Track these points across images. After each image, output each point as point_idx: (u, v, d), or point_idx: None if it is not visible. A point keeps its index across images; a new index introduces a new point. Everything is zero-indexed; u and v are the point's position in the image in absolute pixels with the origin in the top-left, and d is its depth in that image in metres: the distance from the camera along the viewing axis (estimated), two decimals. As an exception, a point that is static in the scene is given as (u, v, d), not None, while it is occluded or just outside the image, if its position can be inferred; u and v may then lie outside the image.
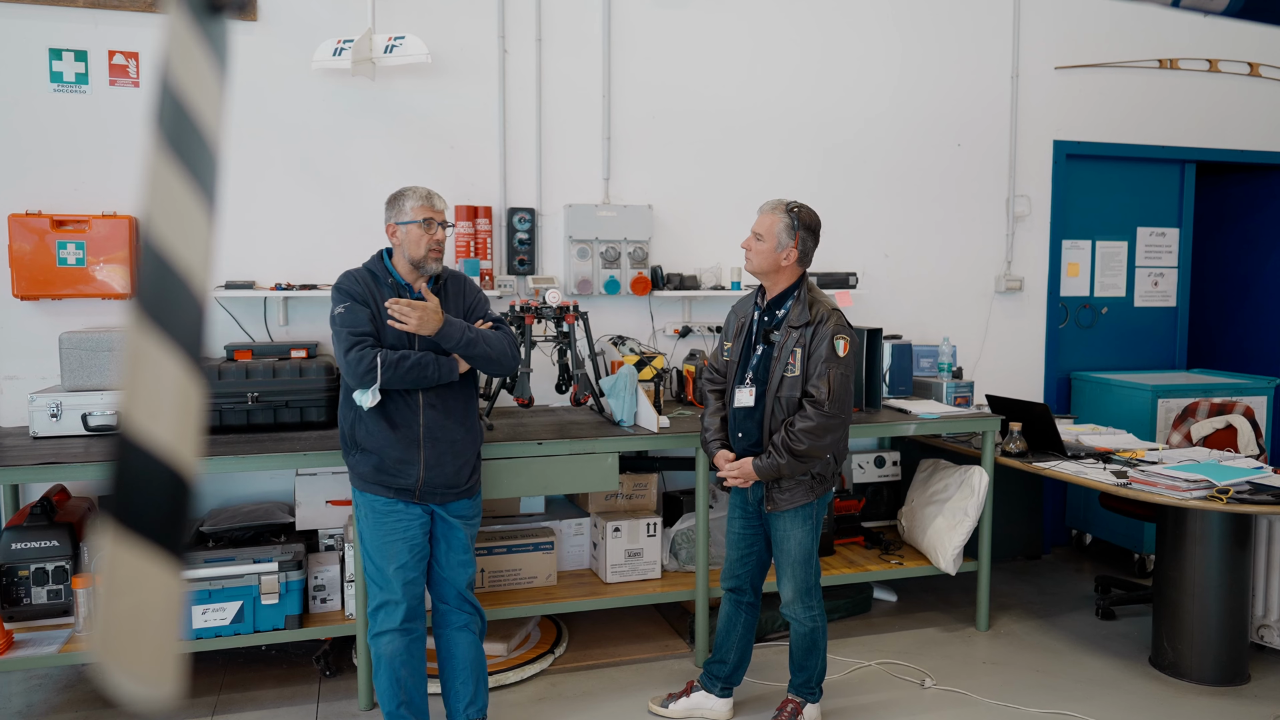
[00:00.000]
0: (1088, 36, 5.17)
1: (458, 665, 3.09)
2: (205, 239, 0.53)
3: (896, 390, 4.51)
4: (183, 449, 0.48)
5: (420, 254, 2.91)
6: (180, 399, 0.49)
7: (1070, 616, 4.36)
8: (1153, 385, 4.87)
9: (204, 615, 3.31)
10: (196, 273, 0.52)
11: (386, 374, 2.80)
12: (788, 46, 4.70)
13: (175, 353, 0.48)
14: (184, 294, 0.50)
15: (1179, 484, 3.46)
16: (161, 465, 0.46)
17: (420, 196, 2.94)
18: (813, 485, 3.07)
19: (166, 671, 0.47)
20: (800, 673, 3.26)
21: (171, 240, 0.48)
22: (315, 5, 4.02)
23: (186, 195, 0.51)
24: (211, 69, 0.59)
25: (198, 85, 0.55)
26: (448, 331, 2.86)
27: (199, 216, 0.52)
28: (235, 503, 3.99)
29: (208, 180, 0.54)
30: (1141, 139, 5.34)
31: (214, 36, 0.60)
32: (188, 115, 0.53)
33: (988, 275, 5.15)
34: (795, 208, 3.05)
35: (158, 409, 0.45)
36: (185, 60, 0.54)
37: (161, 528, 0.46)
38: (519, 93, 4.32)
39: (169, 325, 0.48)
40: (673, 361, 4.56)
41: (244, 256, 4.01)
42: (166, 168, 0.50)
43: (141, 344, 0.45)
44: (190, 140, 0.53)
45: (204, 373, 0.52)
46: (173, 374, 0.48)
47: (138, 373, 0.44)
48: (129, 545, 0.44)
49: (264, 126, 4.01)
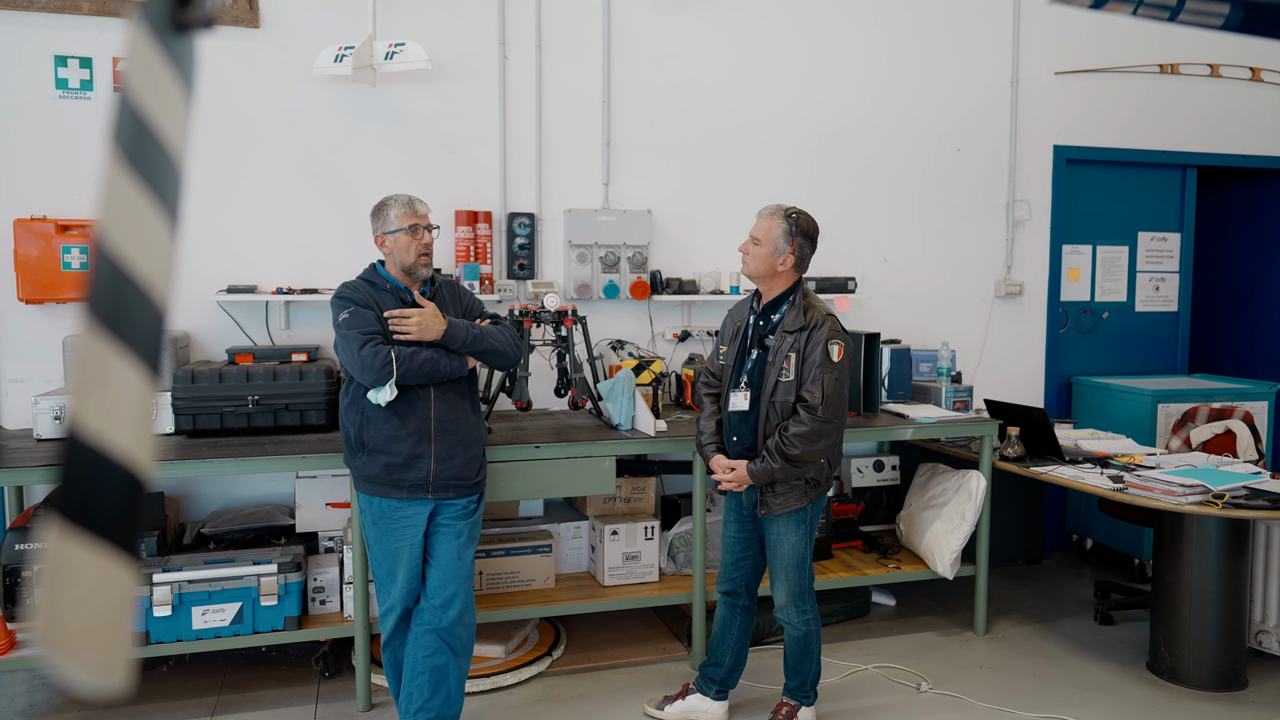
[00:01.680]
0: (1088, 42, 5.18)
1: (417, 666, 2.99)
2: (165, 249, 0.56)
3: (895, 395, 4.52)
4: (135, 449, 0.51)
5: (410, 260, 2.96)
6: (132, 401, 0.51)
7: (1069, 621, 4.37)
8: (1152, 390, 4.87)
9: (204, 616, 3.34)
10: (154, 281, 0.55)
11: (402, 367, 2.83)
12: (788, 52, 4.72)
13: (128, 356, 0.50)
14: (139, 301, 0.52)
15: (1175, 489, 3.46)
16: (110, 464, 0.48)
17: (402, 204, 2.99)
18: (806, 490, 3.08)
19: (117, 663, 0.49)
20: (795, 676, 3.28)
21: (127, 249, 0.50)
22: (317, 12, 4.06)
23: (145, 207, 0.53)
24: (176, 86, 0.61)
25: (160, 102, 0.57)
26: (453, 333, 2.93)
27: (158, 228, 0.55)
28: (236, 505, 4.03)
29: (168, 193, 0.56)
30: (1142, 144, 5.35)
31: (179, 54, 0.63)
32: (148, 130, 0.55)
33: (988, 280, 5.16)
34: (794, 213, 3.07)
35: (109, 410, 0.48)
36: (146, 77, 0.56)
37: (111, 524, 0.48)
38: (519, 98, 4.35)
39: (121, 330, 0.50)
40: (671, 366, 4.58)
41: (246, 260, 4.05)
42: (123, 180, 0.52)
43: (92, 347, 0.47)
44: (150, 154, 0.55)
45: (159, 376, 0.54)
46: (125, 377, 0.50)
47: (88, 375, 0.47)
48: (76, 541, 0.46)
49: (266, 132, 4.04)
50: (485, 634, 3.81)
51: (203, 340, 4.03)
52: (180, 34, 0.63)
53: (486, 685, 3.60)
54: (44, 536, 0.47)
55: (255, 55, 4.01)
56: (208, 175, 3.99)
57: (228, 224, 4.03)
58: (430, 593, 2.98)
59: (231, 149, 4.02)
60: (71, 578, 0.46)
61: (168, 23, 0.61)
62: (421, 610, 2.99)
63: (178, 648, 3.33)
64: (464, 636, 3.01)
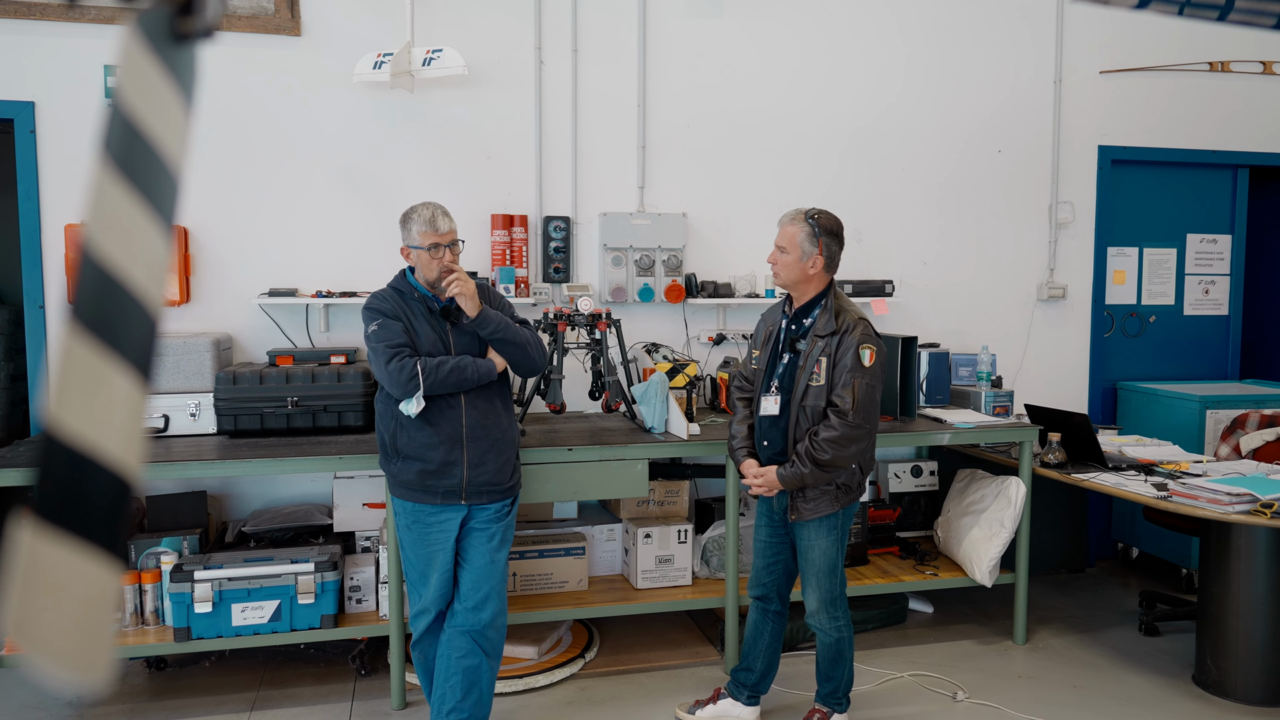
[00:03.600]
0: (1134, 40, 5.07)
1: (451, 668, 3.01)
2: (157, 256, 0.57)
3: (933, 399, 4.47)
4: (121, 451, 0.52)
5: (433, 276, 2.98)
6: (118, 404, 0.52)
7: (1112, 632, 4.27)
8: (1201, 396, 4.75)
9: (243, 613, 3.40)
10: (145, 287, 0.56)
11: (429, 380, 2.86)
12: (824, 54, 4.69)
13: (115, 360, 0.52)
14: (128, 306, 0.54)
15: (1221, 497, 3.37)
16: (92, 465, 0.49)
17: (424, 221, 2.96)
18: (838, 495, 3.05)
19: (96, 661, 0.51)
20: (827, 683, 3.25)
21: (117, 255, 0.52)
22: (357, 20, 4.13)
23: (136, 214, 0.55)
24: (174, 95, 0.63)
25: (155, 110, 0.59)
26: (486, 315, 2.96)
27: (150, 234, 0.56)
28: (276, 504, 4.10)
29: (162, 201, 0.58)
30: (1191, 144, 5.22)
31: (179, 64, 0.64)
32: (140, 137, 0.57)
33: (1029, 283, 5.07)
34: (814, 214, 3.05)
35: (92, 412, 0.49)
36: (141, 86, 0.57)
37: (91, 524, 0.50)
38: (555, 103, 4.38)
39: (108, 334, 0.52)
40: (707, 369, 4.57)
41: (287, 264, 4.12)
42: (114, 187, 0.53)
43: (76, 350, 0.49)
44: (143, 162, 0.56)
45: (150, 380, 0.55)
46: (111, 380, 0.51)
47: (70, 377, 0.48)
48: (52, 540, 0.48)
49: (307, 138, 4.12)
50: (518, 635, 3.84)
51: (245, 342, 4.12)
52: (180, 44, 0.64)
53: (519, 686, 3.62)
54: (17, 535, 0.48)
55: (297, 63, 4.09)
56: (250, 180, 4.08)
57: (270, 228, 4.11)
58: (464, 595, 3.01)
59: (274, 155, 4.10)
60: (46, 576, 0.47)
61: (167, 33, 0.63)
62: (455, 612, 3.02)
63: (218, 644, 3.40)
64: (496, 639, 3.03)
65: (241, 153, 4.07)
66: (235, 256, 4.08)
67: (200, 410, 3.69)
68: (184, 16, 0.65)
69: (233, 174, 4.06)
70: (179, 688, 3.68)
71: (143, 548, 3.60)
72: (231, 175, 4.06)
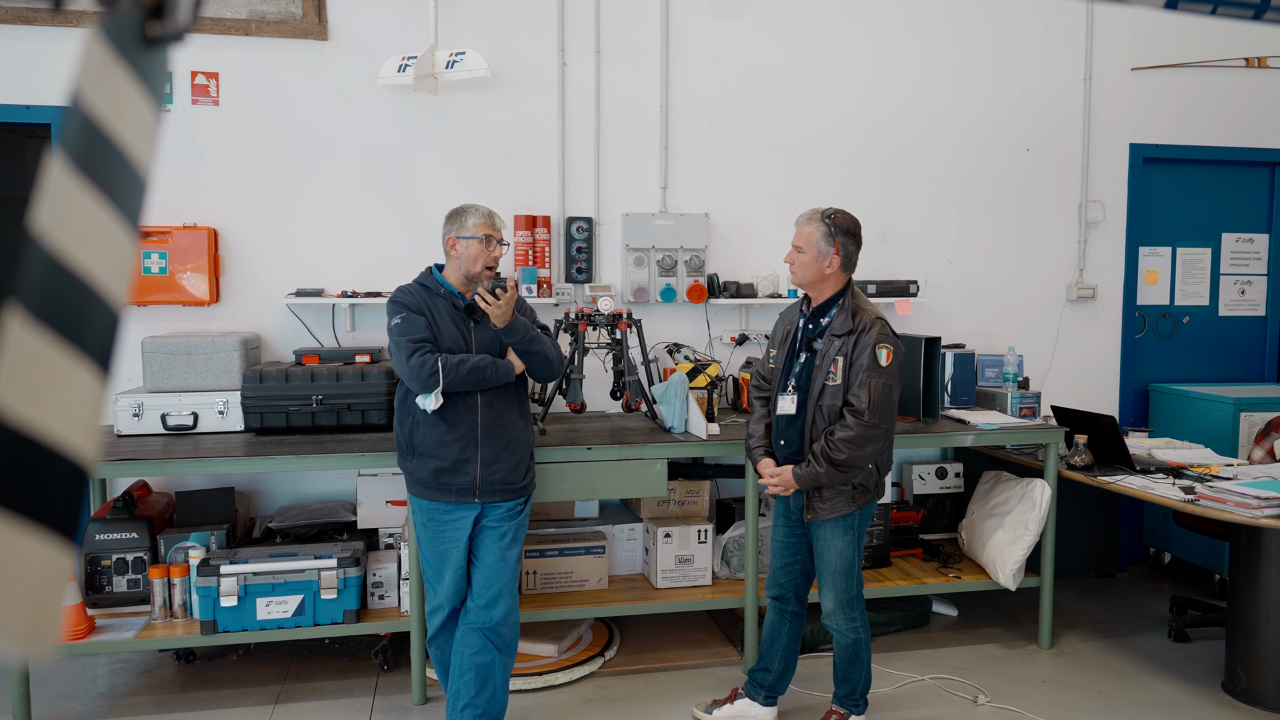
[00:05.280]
0: (1166, 35, 4.99)
1: (464, 664, 3.05)
2: (117, 250, 0.59)
3: (958, 400, 4.42)
4: (72, 438, 0.54)
5: (477, 269, 3.03)
6: (68, 391, 0.55)
7: (1141, 637, 4.20)
8: (1234, 398, 4.66)
9: (268, 607, 3.46)
10: (103, 279, 0.58)
11: (448, 376, 2.91)
12: (848, 51, 4.67)
13: (66, 347, 0.54)
14: (84, 296, 0.56)
15: (1250, 501, 3.30)
16: (40, 449, 0.51)
17: (483, 214, 3.09)
18: (854, 495, 3.04)
19: (44, 635, 0.53)
20: (844, 684, 3.24)
21: (71, 247, 0.54)
22: (382, 24, 4.18)
23: (95, 210, 0.57)
24: (141, 98, 0.65)
25: (120, 113, 0.61)
26: (515, 325, 2.99)
27: (109, 229, 0.58)
28: (303, 501, 4.17)
29: (125, 200, 0.60)
30: (1227, 141, 5.12)
31: (148, 68, 0.66)
32: (103, 138, 0.59)
33: (1058, 283, 5.00)
34: (830, 214, 3.04)
35: (41, 398, 0.51)
36: (103, 88, 0.59)
37: (40, 506, 0.52)
38: (578, 104, 4.40)
39: (60, 323, 0.54)
40: (729, 369, 4.57)
41: (314, 265, 4.19)
42: (71, 183, 0.55)
43: (21, 337, 0.51)
44: (104, 161, 0.59)
45: (105, 367, 0.58)
46: (61, 366, 0.53)
47: (12, 362, 0.50)
48: (2, 520, 0.50)
49: (333, 141, 4.18)
50: (538, 633, 3.87)
51: (273, 342, 4.19)
52: (149, 49, 0.67)
53: (538, 683, 3.65)
54: None
55: (324, 67, 4.16)
56: (277, 182, 4.15)
57: (297, 229, 4.18)
58: (476, 592, 3.05)
59: (301, 157, 4.17)
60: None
61: (136, 38, 0.65)
62: (468, 610, 3.06)
63: (243, 637, 3.47)
64: (509, 635, 3.06)
65: (269, 155, 4.14)
66: (263, 257, 4.15)
67: (228, 408, 3.76)
68: (154, 21, 0.68)
69: (260, 176, 4.14)
70: (207, 680, 3.75)
71: (172, 542, 3.68)
72: (259, 177, 4.14)
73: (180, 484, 4.05)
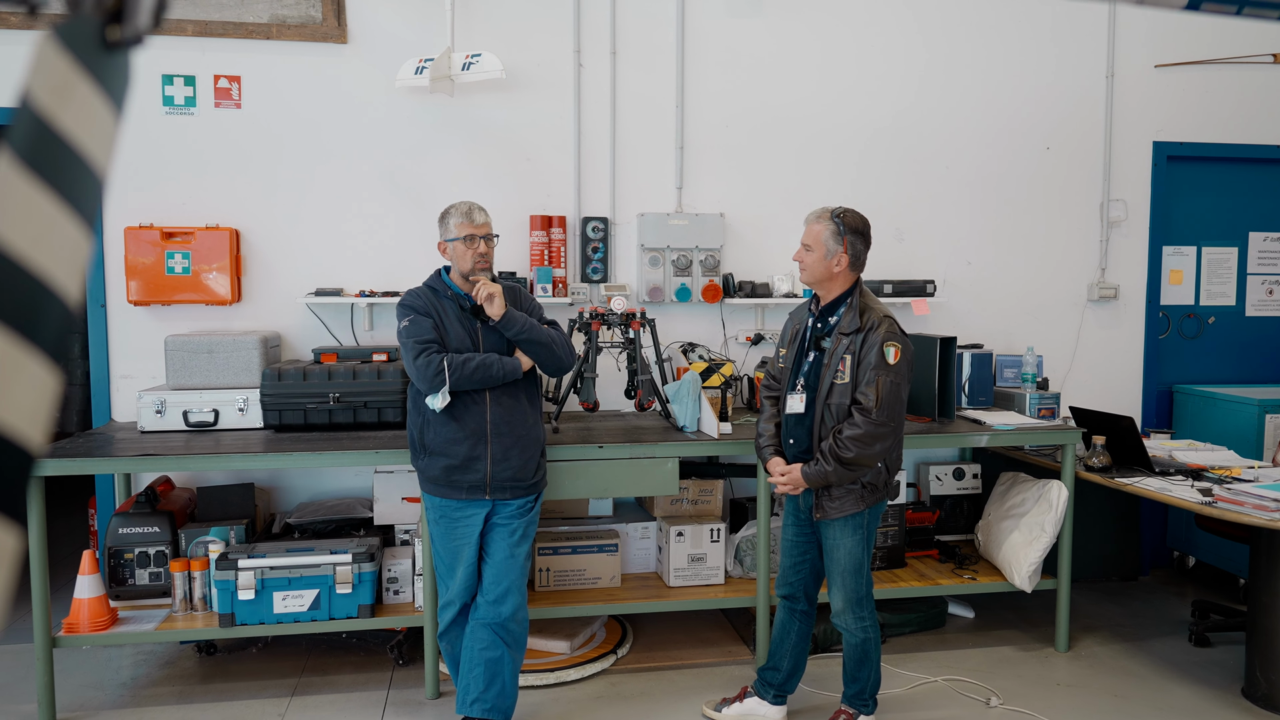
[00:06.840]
0: (1190, 32, 4.92)
1: (474, 659, 3.10)
2: (68, 246, 0.62)
3: (976, 400, 4.40)
4: (22, 425, 0.57)
5: (467, 267, 3.08)
6: (20, 381, 0.57)
7: (1160, 641, 4.15)
8: (1259, 400, 4.58)
9: (284, 601, 3.52)
10: (52, 272, 0.61)
11: (454, 375, 2.95)
12: (868, 50, 4.66)
13: (13, 338, 0.56)
14: (31, 289, 0.59)
15: (1268, 503, 3.25)
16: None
17: (461, 214, 3.12)
18: (863, 494, 3.04)
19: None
20: (853, 684, 3.23)
21: (17, 240, 0.56)
22: (401, 26, 4.24)
23: (45, 205, 0.59)
24: (99, 100, 0.68)
25: (73, 114, 0.64)
26: (511, 316, 3.04)
27: (60, 225, 0.61)
28: (321, 497, 4.23)
29: (79, 197, 0.62)
30: (1253, 138, 5.04)
31: (107, 73, 0.69)
32: (54, 137, 0.61)
33: (1079, 283, 4.95)
34: (840, 213, 3.04)
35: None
36: (55, 89, 0.62)
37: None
38: (593, 105, 4.43)
39: (8, 314, 0.56)
40: (744, 369, 4.57)
41: (333, 265, 4.25)
42: (18, 180, 0.58)
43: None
44: (55, 159, 0.61)
45: (53, 358, 0.60)
46: (5, 354, 0.56)
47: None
48: None
49: (352, 142, 4.24)
50: (551, 629, 3.89)
51: (293, 340, 4.26)
52: (109, 52, 0.69)
53: (550, 680, 3.67)
54: None
55: (343, 69, 4.22)
56: (298, 183, 4.22)
57: (317, 229, 4.24)
58: (485, 588, 3.09)
59: (321, 158, 4.23)
60: None
61: (95, 42, 0.68)
62: (477, 605, 3.10)
63: (260, 630, 3.53)
64: (518, 631, 3.09)
65: (290, 157, 4.21)
66: (283, 257, 4.22)
67: (248, 405, 3.83)
68: (114, 25, 0.70)
69: (282, 178, 4.21)
70: (227, 672, 3.82)
71: (192, 536, 3.75)
72: (281, 179, 4.21)
73: (201, 479, 4.13)
